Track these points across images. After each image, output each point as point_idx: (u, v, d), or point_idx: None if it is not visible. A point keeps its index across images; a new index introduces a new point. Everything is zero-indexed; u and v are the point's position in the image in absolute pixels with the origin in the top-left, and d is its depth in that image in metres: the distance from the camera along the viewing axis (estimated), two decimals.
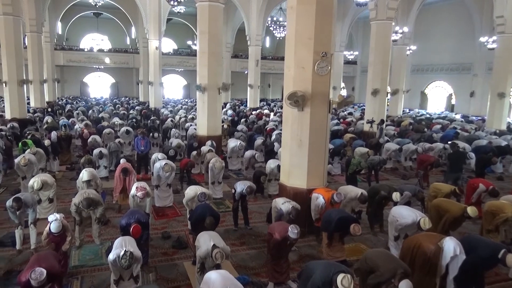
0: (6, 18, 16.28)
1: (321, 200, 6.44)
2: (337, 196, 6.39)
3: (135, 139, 11.35)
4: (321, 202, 6.43)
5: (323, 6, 6.69)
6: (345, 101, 7.52)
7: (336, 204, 6.44)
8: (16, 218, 6.07)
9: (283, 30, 23.62)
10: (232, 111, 23.08)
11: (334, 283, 3.78)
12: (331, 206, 6.39)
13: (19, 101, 17.10)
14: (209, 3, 12.29)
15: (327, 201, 6.40)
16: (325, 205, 6.40)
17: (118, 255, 4.39)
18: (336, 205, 6.45)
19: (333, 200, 6.37)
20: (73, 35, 36.39)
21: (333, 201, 6.37)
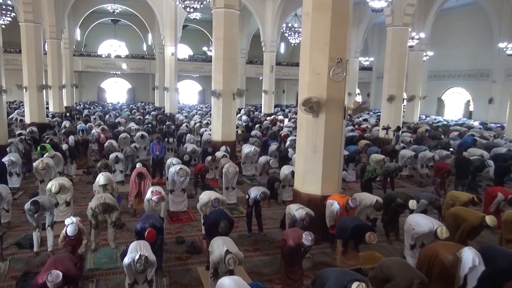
0: (27, 25, 16.72)
1: (336, 206, 6.39)
2: (352, 202, 6.33)
3: (151, 144, 11.47)
4: (336, 208, 6.37)
5: (339, 12, 6.68)
6: (361, 107, 7.47)
7: (351, 210, 6.38)
8: (34, 220, 6.18)
9: (298, 36, 23.62)
10: (246, 117, 23.13)
11: None
12: (346, 213, 6.34)
13: (39, 106, 17.48)
14: (224, 10, 12.40)
15: (342, 207, 6.35)
16: (340, 211, 6.34)
17: (133, 259, 4.42)
18: (351, 211, 6.40)
19: (348, 206, 6.31)
20: (91, 42, 37.09)
21: (348, 207, 6.31)
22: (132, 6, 29.10)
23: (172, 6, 23.44)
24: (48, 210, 6.20)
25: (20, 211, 7.57)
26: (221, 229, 5.48)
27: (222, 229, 5.49)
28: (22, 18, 16.81)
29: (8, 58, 22.92)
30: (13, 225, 7.34)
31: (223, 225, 5.52)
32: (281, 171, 9.43)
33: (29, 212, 6.08)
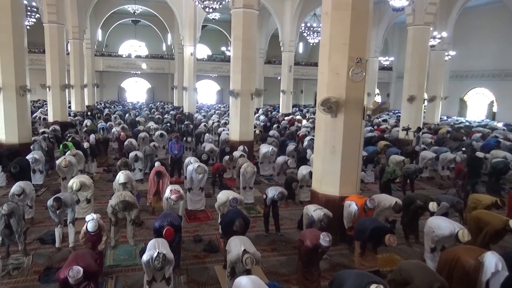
0: (51, 26, 17.17)
1: (354, 207, 6.33)
2: (370, 202, 6.26)
3: (169, 143, 11.58)
4: (354, 209, 6.31)
5: (359, 11, 6.61)
6: (380, 107, 7.40)
7: (369, 211, 6.31)
8: (56, 217, 6.32)
9: (317, 36, 23.48)
10: (264, 117, 23.14)
11: None
12: (364, 214, 6.28)
13: (61, 105, 17.89)
14: (243, 10, 12.43)
15: (360, 207, 6.28)
16: (358, 212, 6.28)
17: (151, 256, 4.48)
18: (369, 212, 6.33)
19: (366, 206, 6.24)
20: (112, 42, 37.73)
21: (366, 207, 6.25)
22: (152, 6, 29.48)
23: (192, 7, 23.64)
24: (69, 206, 6.34)
25: (43, 208, 7.75)
26: (236, 227, 5.49)
27: (237, 227, 5.50)
28: (46, 19, 17.27)
29: (32, 58, 23.54)
30: (36, 221, 7.53)
31: (238, 223, 5.53)
32: (299, 172, 9.39)
33: (51, 209, 6.22)
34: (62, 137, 14.19)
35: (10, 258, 6.01)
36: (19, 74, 11.05)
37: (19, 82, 11.04)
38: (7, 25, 10.69)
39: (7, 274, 5.55)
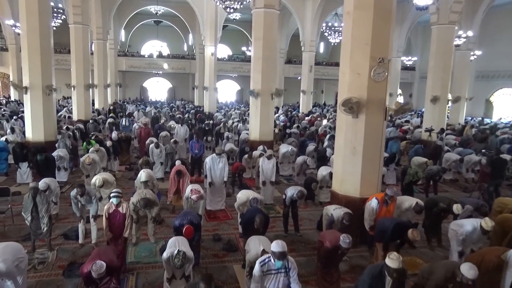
0: (76, 27, 17.60)
1: (374, 201, 6.30)
2: (390, 190, 6.23)
3: (190, 142, 11.69)
4: (374, 204, 6.27)
5: (381, 10, 6.53)
6: (403, 108, 7.24)
7: (391, 202, 6.27)
8: (78, 210, 6.50)
9: (338, 36, 23.24)
10: (284, 117, 23.07)
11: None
12: (385, 208, 6.23)
13: (85, 104, 18.31)
14: (264, 10, 12.44)
15: (380, 201, 6.24)
16: (379, 206, 6.24)
17: (171, 254, 4.53)
18: (391, 205, 6.28)
19: (386, 196, 6.20)
20: (135, 42, 38.30)
21: (387, 197, 6.20)
22: (174, 7, 29.80)
23: (213, 7, 23.78)
24: (93, 197, 6.52)
25: (67, 204, 7.95)
26: (256, 224, 5.48)
27: (258, 223, 5.49)
28: (71, 20, 17.71)
29: (58, 58, 24.11)
30: (60, 217, 7.74)
31: (258, 219, 5.52)
32: (319, 172, 9.33)
33: (74, 200, 6.41)
34: (86, 134, 14.49)
35: (36, 252, 6.20)
36: (45, 74, 11.35)
37: (45, 82, 11.34)
38: (34, 26, 11.00)
39: (33, 268, 5.73)
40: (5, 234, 6.84)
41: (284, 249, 3.93)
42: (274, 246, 3.95)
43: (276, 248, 3.92)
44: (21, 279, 4.37)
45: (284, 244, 4.00)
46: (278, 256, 3.89)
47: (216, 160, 8.63)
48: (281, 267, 3.96)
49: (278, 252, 3.89)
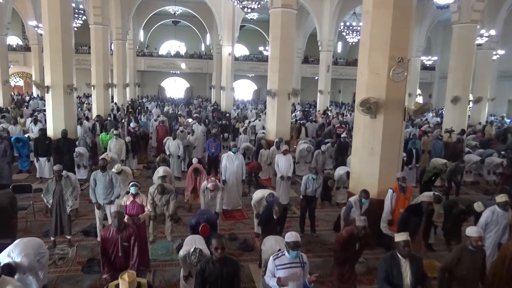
0: (96, 27, 17.93)
1: (389, 192, 6.34)
2: (399, 173, 6.42)
3: (207, 141, 11.76)
4: (389, 194, 6.32)
5: (401, 9, 6.44)
6: (422, 108, 7.13)
7: (407, 190, 6.39)
8: (94, 197, 6.62)
9: (357, 35, 23.01)
10: (301, 113, 22.99)
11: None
12: (402, 196, 6.30)
13: (105, 103, 18.62)
14: (282, 10, 12.41)
15: (396, 189, 6.30)
16: (396, 196, 6.29)
17: (188, 251, 4.57)
18: (407, 192, 6.39)
19: (399, 180, 6.36)
20: (153, 42, 38.75)
21: (400, 180, 6.36)
22: (192, 7, 30.01)
23: (230, 7, 23.86)
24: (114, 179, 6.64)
25: (87, 201, 8.11)
26: (275, 212, 5.41)
27: (277, 211, 5.42)
28: (91, 21, 18.05)
29: (78, 58, 24.57)
30: (80, 214, 7.88)
31: (277, 206, 5.52)
32: (336, 172, 9.27)
33: (92, 185, 6.59)
34: (104, 126, 14.67)
35: (56, 248, 6.34)
36: (66, 74, 11.57)
37: (66, 81, 11.56)
38: (56, 27, 11.22)
39: (53, 264, 5.86)
40: (27, 230, 7.01)
41: (298, 239, 3.93)
42: (288, 236, 3.96)
43: (290, 238, 3.92)
44: (42, 273, 4.47)
45: (297, 234, 4.00)
46: (292, 246, 3.89)
47: (232, 158, 8.65)
48: (295, 257, 3.95)
49: (292, 242, 3.89)
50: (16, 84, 35.84)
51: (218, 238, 3.80)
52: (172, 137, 10.97)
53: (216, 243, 3.69)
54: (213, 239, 3.81)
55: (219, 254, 3.65)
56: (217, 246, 3.67)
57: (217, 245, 3.68)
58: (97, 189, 6.60)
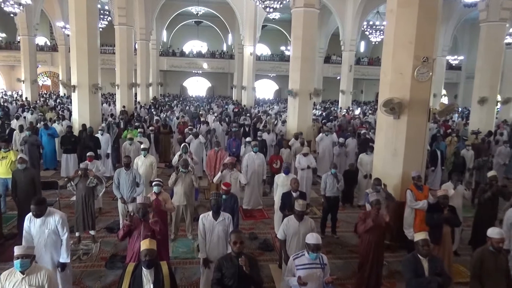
0: (121, 28, 18.27)
1: (407, 192, 6.26)
2: (414, 173, 6.30)
3: (228, 141, 11.81)
4: (408, 194, 6.23)
5: (426, 8, 6.32)
6: (448, 109, 6.99)
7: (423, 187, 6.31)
8: (119, 193, 6.75)
9: (380, 34, 22.70)
10: (321, 111, 22.83)
11: None
12: (421, 194, 6.20)
13: (128, 103, 18.97)
14: (304, 9, 12.36)
15: (412, 188, 6.23)
16: (413, 193, 6.20)
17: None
18: (424, 190, 6.29)
19: (414, 179, 6.25)
20: (176, 42, 39.20)
21: (415, 179, 6.25)
22: (214, 7, 30.21)
23: (252, 7, 23.90)
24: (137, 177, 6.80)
25: (110, 198, 8.28)
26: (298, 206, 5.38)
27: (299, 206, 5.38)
28: (116, 21, 18.40)
29: (103, 58, 25.11)
30: (103, 211, 8.06)
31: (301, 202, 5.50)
32: (359, 176, 9.15)
33: (116, 182, 6.71)
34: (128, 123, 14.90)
35: (81, 244, 6.50)
36: (92, 74, 11.86)
37: (91, 81, 11.85)
38: (82, 27, 11.51)
39: (78, 258, 6.01)
40: None
41: (319, 242, 3.91)
42: (309, 238, 3.94)
43: (311, 240, 3.91)
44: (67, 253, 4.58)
45: (318, 236, 3.98)
46: (313, 248, 3.88)
47: (253, 157, 8.67)
48: (315, 258, 3.93)
49: (312, 244, 3.88)
50: (43, 83, 36.95)
51: (237, 232, 3.84)
52: (193, 135, 11.00)
53: (235, 237, 3.72)
54: (232, 233, 3.85)
55: (237, 248, 3.67)
56: (236, 241, 3.69)
57: (236, 239, 3.70)
58: (120, 187, 6.72)
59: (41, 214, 4.36)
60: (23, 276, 3.37)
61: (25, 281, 3.37)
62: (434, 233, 5.06)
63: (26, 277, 3.38)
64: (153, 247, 3.48)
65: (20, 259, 3.33)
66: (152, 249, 3.46)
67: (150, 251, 3.43)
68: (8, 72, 35.30)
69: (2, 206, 7.42)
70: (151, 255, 3.43)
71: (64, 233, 4.48)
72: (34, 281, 3.39)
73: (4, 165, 7.58)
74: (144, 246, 3.46)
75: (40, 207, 4.33)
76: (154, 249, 3.48)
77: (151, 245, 3.47)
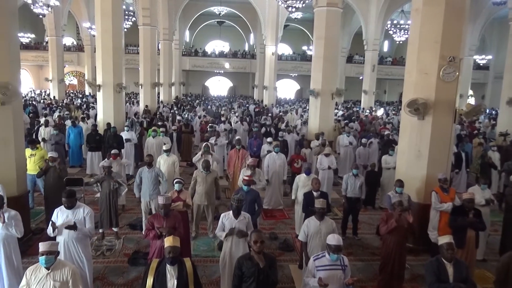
0: (145, 28, 18.56)
1: (432, 194, 6.15)
2: (441, 175, 6.17)
3: (248, 140, 11.82)
4: (433, 196, 6.13)
5: (453, 6, 6.19)
6: (475, 110, 6.79)
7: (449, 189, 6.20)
8: (138, 191, 6.86)
9: (404, 34, 22.30)
10: (342, 112, 22.61)
11: None
12: (447, 196, 6.08)
13: (151, 102, 19.25)
14: (327, 8, 12.25)
15: (437, 190, 6.12)
16: (439, 195, 6.09)
17: None
18: (450, 192, 6.17)
19: (440, 182, 6.13)
20: (199, 42, 39.56)
21: (441, 182, 6.13)
22: (237, 7, 30.36)
23: (275, 7, 23.87)
24: (160, 174, 6.92)
25: (133, 196, 8.40)
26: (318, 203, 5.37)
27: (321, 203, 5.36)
28: (140, 22, 18.71)
29: (127, 58, 25.58)
30: (126, 208, 8.22)
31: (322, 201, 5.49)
32: (382, 177, 9.02)
33: (137, 180, 6.84)
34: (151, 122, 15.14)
35: (105, 240, 6.64)
36: (116, 73, 12.08)
37: (116, 80, 12.06)
38: (108, 28, 11.74)
39: (101, 254, 6.14)
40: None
41: (340, 243, 3.88)
42: (330, 239, 3.92)
43: (332, 241, 3.88)
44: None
45: (339, 237, 3.95)
46: (334, 249, 3.85)
47: (274, 158, 8.66)
48: (336, 260, 3.90)
49: (333, 245, 3.85)
50: (70, 83, 37.93)
51: (257, 232, 3.86)
52: (216, 135, 11.09)
53: (256, 236, 3.73)
54: (252, 233, 3.86)
55: (258, 248, 3.68)
56: (256, 240, 3.70)
57: (256, 238, 3.71)
58: (143, 185, 6.83)
59: (72, 206, 4.59)
60: (48, 271, 3.47)
61: (50, 276, 3.47)
62: (457, 237, 4.93)
63: (51, 273, 3.48)
64: (177, 244, 3.55)
65: (44, 256, 3.42)
66: (175, 246, 3.52)
67: (174, 248, 3.50)
68: (36, 72, 36.42)
69: (30, 201, 7.65)
70: (174, 252, 3.50)
71: (90, 225, 4.65)
72: (59, 277, 3.49)
73: (33, 162, 7.84)
74: (168, 243, 3.53)
75: (71, 199, 4.57)
76: (177, 246, 3.55)
77: (174, 242, 3.54)
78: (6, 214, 4.47)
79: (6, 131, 6.02)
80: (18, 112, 6.47)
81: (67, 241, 4.52)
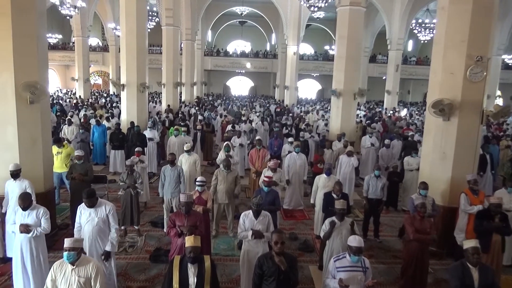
0: (167, 28, 18.82)
1: (461, 196, 6.00)
2: (470, 176, 6.05)
3: (269, 140, 11.82)
4: (462, 198, 5.99)
5: (481, 4, 6.02)
6: (502, 111, 6.58)
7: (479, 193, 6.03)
8: (162, 191, 6.95)
9: (430, 33, 21.83)
10: (364, 112, 22.32)
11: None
12: (476, 199, 5.93)
13: (173, 101, 19.50)
14: (350, 8, 12.12)
15: (467, 192, 5.97)
16: (468, 198, 5.95)
17: None
18: (480, 194, 6.01)
19: (470, 183, 5.98)
20: (220, 42, 39.81)
21: (470, 183, 5.98)
22: (259, 7, 30.39)
23: (297, 6, 23.77)
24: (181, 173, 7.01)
25: (155, 194, 8.54)
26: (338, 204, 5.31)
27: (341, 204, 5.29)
28: (163, 22, 18.98)
29: (150, 58, 25.90)
30: (148, 205, 8.35)
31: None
32: (404, 179, 8.86)
33: (162, 179, 6.97)
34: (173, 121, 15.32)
35: (127, 237, 6.76)
36: (140, 73, 12.28)
37: (139, 80, 12.27)
38: (132, 29, 11.95)
39: (124, 251, 6.26)
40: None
41: (361, 245, 3.84)
42: (351, 240, 3.88)
43: (353, 242, 3.84)
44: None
45: (361, 239, 3.90)
46: (355, 251, 3.81)
47: (295, 158, 8.63)
48: (356, 261, 3.86)
49: (354, 247, 3.81)
50: (95, 82, 38.81)
51: (279, 232, 3.85)
52: (237, 134, 11.14)
53: (277, 237, 3.73)
54: (274, 233, 3.86)
55: (278, 248, 3.69)
56: (277, 240, 3.71)
57: (277, 239, 3.72)
58: (165, 183, 6.92)
59: (93, 205, 4.64)
60: (73, 267, 3.56)
61: (75, 272, 3.55)
62: (482, 241, 4.79)
63: (76, 268, 3.56)
64: (198, 244, 3.60)
65: (67, 252, 3.51)
66: (196, 246, 3.58)
67: (195, 248, 3.56)
68: (63, 71, 37.43)
69: (56, 197, 7.86)
70: (195, 252, 3.57)
71: (114, 223, 4.73)
72: (83, 273, 3.57)
73: (59, 160, 8.06)
74: (189, 243, 3.59)
75: (91, 199, 4.61)
76: (198, 246, 3.61)
77: (195, 242, 3.59)
78: (33, 214, 4.60)
79: (34, 129, 6.19)
80: (46, 111, 6.65)
81: (92, 238, 4.62)
